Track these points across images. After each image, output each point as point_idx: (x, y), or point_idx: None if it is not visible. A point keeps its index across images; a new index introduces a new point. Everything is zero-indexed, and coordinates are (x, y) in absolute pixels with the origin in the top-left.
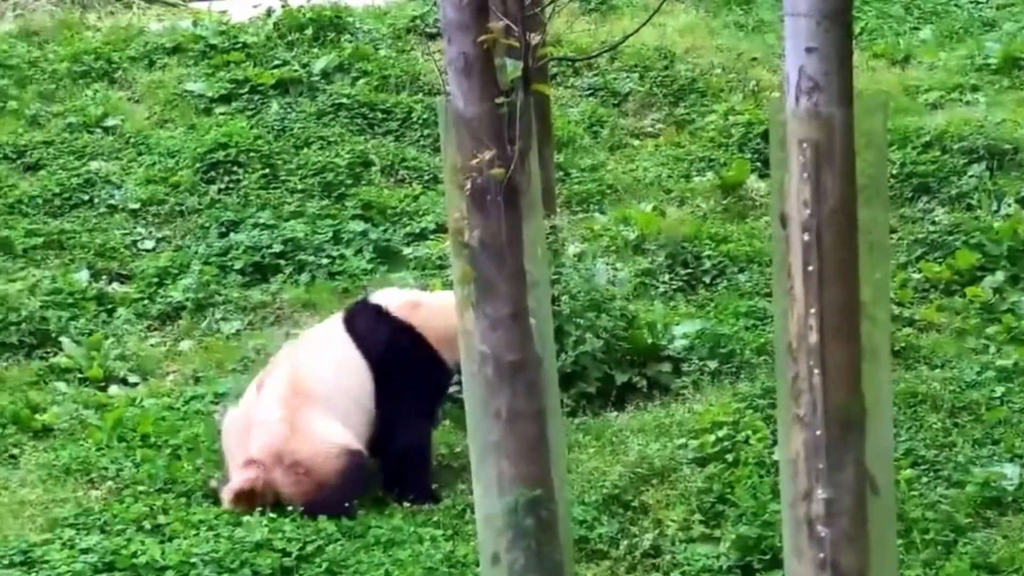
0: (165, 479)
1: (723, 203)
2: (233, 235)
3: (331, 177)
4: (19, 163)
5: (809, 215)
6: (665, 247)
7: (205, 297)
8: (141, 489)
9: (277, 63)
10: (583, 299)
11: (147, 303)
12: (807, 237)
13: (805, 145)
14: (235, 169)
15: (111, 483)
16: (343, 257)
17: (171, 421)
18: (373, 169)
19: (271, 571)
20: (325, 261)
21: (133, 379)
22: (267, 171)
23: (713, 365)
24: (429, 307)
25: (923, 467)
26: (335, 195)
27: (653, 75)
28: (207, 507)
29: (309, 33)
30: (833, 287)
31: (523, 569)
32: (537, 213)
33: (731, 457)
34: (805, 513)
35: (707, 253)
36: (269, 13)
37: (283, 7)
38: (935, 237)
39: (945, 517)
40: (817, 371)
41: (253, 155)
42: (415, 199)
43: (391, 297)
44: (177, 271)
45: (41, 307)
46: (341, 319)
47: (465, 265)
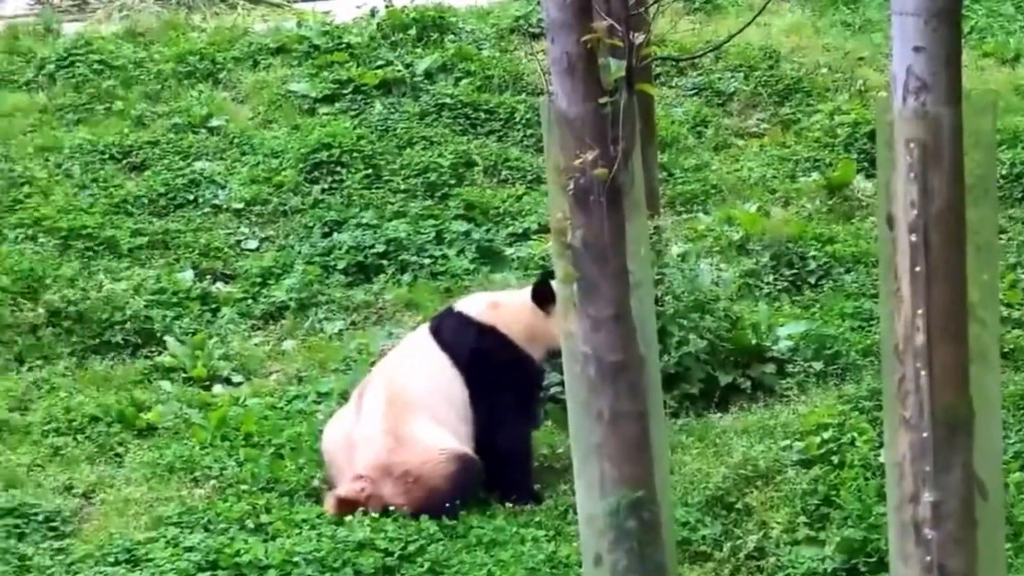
0: (268, 478)
1: (828, 203)
2: (336, 235)
3: (434, 177)
4: (125, 163)
5: (916, 216)
6: (770, 247)
7: (308, 297)
8: (244, 488)
9: (380, 63)
10: (687, 300)
11: (251, 303)
12: (914, 238)
13: (912, 145)
14: (338, 169)
15: (214, 482)
16: (445, 257)
17: (274, 420)
18: (476, 169)
19: (373, 571)
20: (427, 261)
21: (237, 378)
22: (370, 171)
23: (818, 366)
24: (509, 306)
25: None
26: (438, 195)
27: (758, 75)
28: (309, 506)
29: (412, 33)
30: (940, 288)
31: (625, 570)
32: (640, 213)
33: (836, 459)
34: (911, 516)
35: (812, 254)
36: (373, 13)
37: (387, 7)
38: None
39: None
40: (924, 373)
41: (356, 155)
42: (518, 199)
43: (473, 302)
44: (280, 271)
45: (146, 306)
46: (428, 329)
47: (568, 266)
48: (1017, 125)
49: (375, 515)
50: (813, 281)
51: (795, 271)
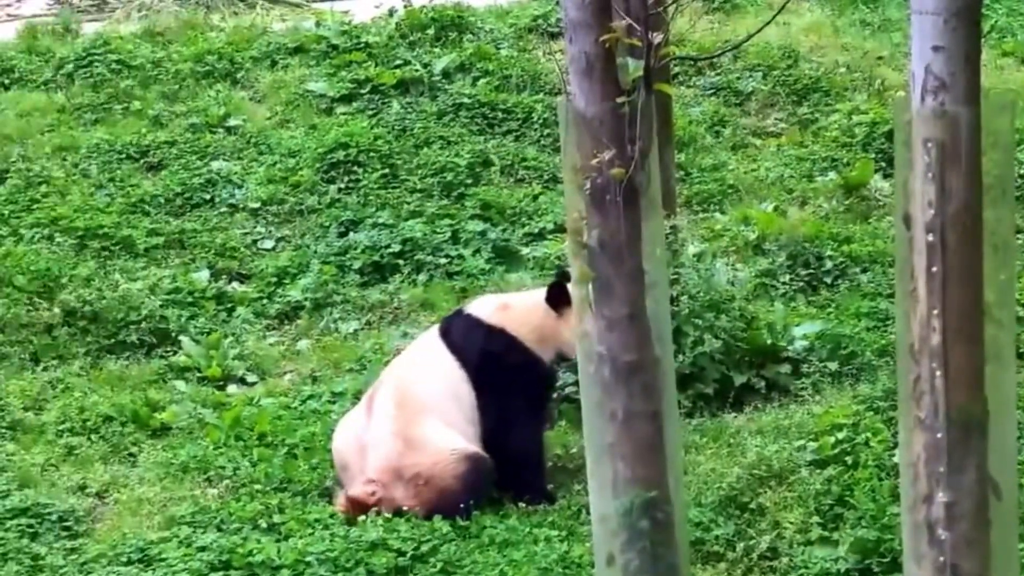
0: (281, 478)
1: (846, 203)
2: (352, 235)
3: (451, 177)
4: (142, 163)
5: (933, 215)
6: (786, 247)
7: (323, 297)
8: (257, 488)
9: (398, 63)
10: (702, 299)
11: (266, 302)
12: (931, 238)
13: (930, 145)
14: (355, 169)
15: (228, 482)
16: (461, 257)
17: (288, 420)
18: (492, 169)
19: (386, 571)
20: (443, 261)
21: (251, 378)
22: (387, 171)
23: (833, 366)
24: (519, 307)
25: None
26: (454, 195)
27: (776, 74)
28: (322, 506)
29: (431, 33)
30: (957, 288)
31: (638, 570)
32: (657, 213)
33: (850, 459)
34: (925, 517)
35: (829, 253)
36: (391, 13)
37: (405, 7)
38: None
39: None
40: (939, 373)
41: (373, 155)
42: (534, 199)
43: (482, 303)
44: (296, 271)
45: (161, 306)
46: (437, 331)
47: (583, 265)
48: None
49: (388, 515)
50: (829, 281)
51: (811, 271)
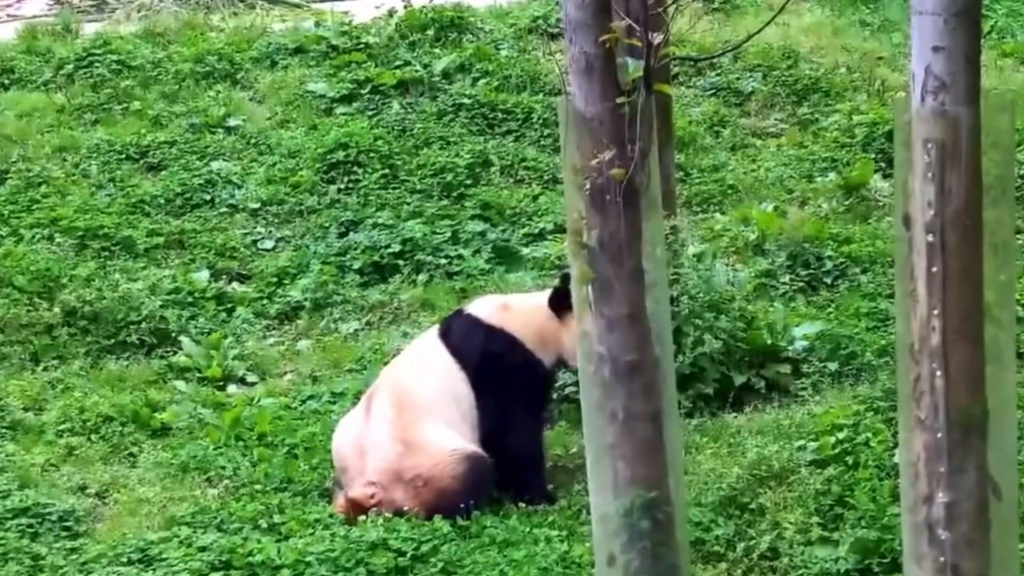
0: (281, 478)
1: (846, 204)
2: (352, 235)
3: (450, 177)
4: (142, 163)
5: (933, 216)
6: (786, 248)
7: (323, 297)
8: (258, 488)
9: (398, 63)
10: (702, 299)
11: (266, 303)
12: (931, 238)
13: (930, 145)
14: (355, 169)
15: (228, 482)
16: (461, 257)
17: (288, 420)
18: (492, 169)
19: (386, 571)
20: (443, 261)
21: (251, 378)
22: (387, 171)
23: (833, 367)
24: (519, 309)
25: None
26: (454, 195)
27: (776, 75)
28: (323, 506)
29: (431, 33)
30: (957, 289)
31: (638, 571)
32: (657, 213)
33: (850, 459)
34: (925, 517)
35: (829, 254)
36: (391, 14)
37: (405, 7)
38: None
39: None
40: (939, 373)
41: (373, 155)
42: (534, 199)
43: (482, 304)
44: (296, 271)
45: (161, 306)
46: (436, 332)
47: (583, 266)
48: None
49: (388, 516)
50: (829, 281)
51: (811, 271)
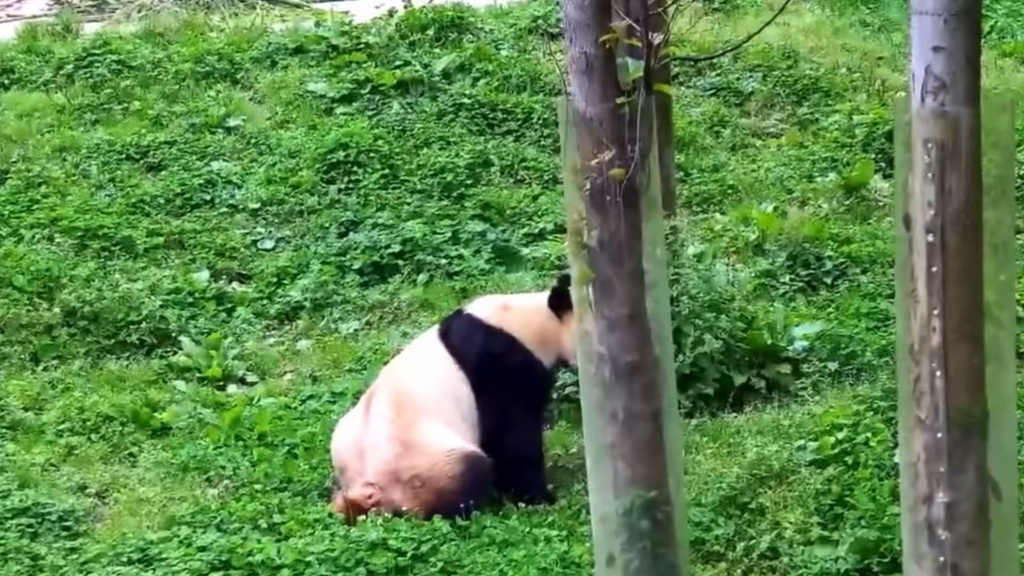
0: (281, 478)
1: (846, 204)
2: (352, 235)
3: (450, 177)
4: (142, 163)
5: (933, 216)
6: (786, 248)
7: (323, 297)
8: (257, 488)
9: (399, 63)
10: (702, 299)
11: (266, 303)
12: (931, 238)
13: (930, 145)
14: (355, 169)
15: (228, 482)
16: (461, 257)
17: (288, 420)
18: (492, 169)
19: (386, 570)
20: (443, 261)
21: (251, 378)
22: (387, 171)
23: (833, 367)
24: (520, 309)
25: None
26: (454, 195)
27: (776, 75)
28: (322, 506)
29: (431, 33)
30: (957, 289)
31: (638, 570)
32: (657, 214)
33: (850, 459)
34: (925, 517)
35: (829, 254)
36: (391, 14)
37: (405, 7)
38: None
39: None
40: (939, 373)
41: (373, 155)
42: (534, 199)
43: (482, 304)
44: (296, 271)
45: (161, 306)
46: (436, 332)
47: (584, 266)
48: None
49: (388, 515)
50: (829, 281)
51: (811, 271)
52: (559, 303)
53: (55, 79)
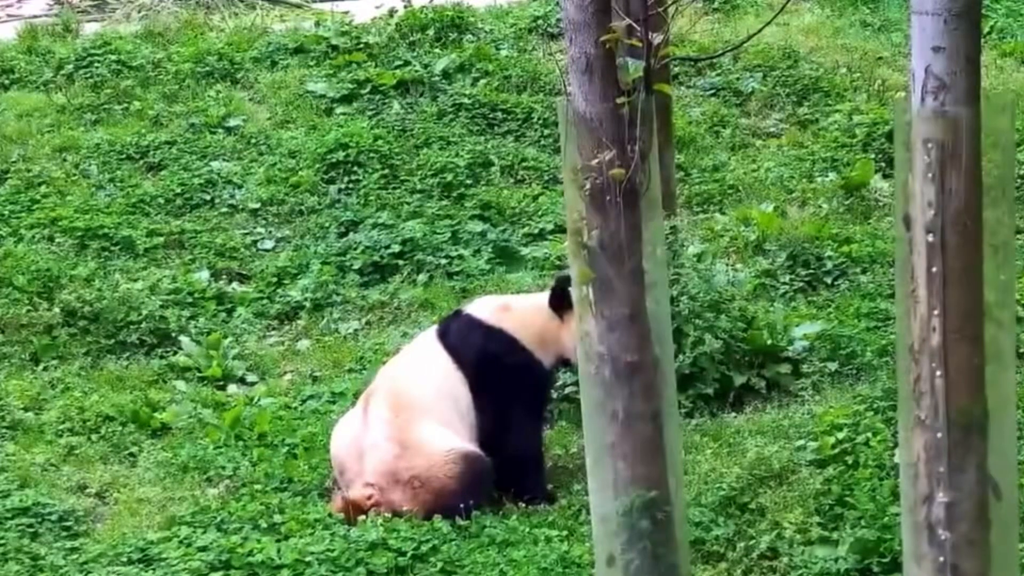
0: (281, 478)
1: (846, 204)
2: (352, 235)
3: (450, 177)
4: (142, 163)
5: (933, 216)
6: (786, 248)
7: (323, 297)
8: (257, 488)
9: (399, 63)
10: (702, 299)
11: (266, 303)
12: (931, 238)
13: (930, 145)
14: (355, 169)
15: (228, 482)
16: (461, 257)
17: (288, 420)
18: (492, 169)
19: (386, 570)
20: (443, 261)
21: (251, 378)
22: (387, 171)
23: (833, 366)
24: (520, 309)
25: None
26: (454, 195)
27: (776, 75)
28: (322, 506)
29: (431, 33)
30: (957, 289)
31: (638, 570)
32: (657, 214)
33: (850, 459)
34: (925, 517)
35: (829, 254)
36: (391, 13)
37: (405, 7)
38: None
39: None
40: (939, 373)
41: (373, 155)
42: (534, 199)
43: (481, 305)
44: (296, 271)
45: (161, 306)
46: (435, 332)
47: (583, 266)
48: None
49: (388, 515)
50: (829, 281)
51: (811, 271)
52: (559, 302)
53: (55, 79)
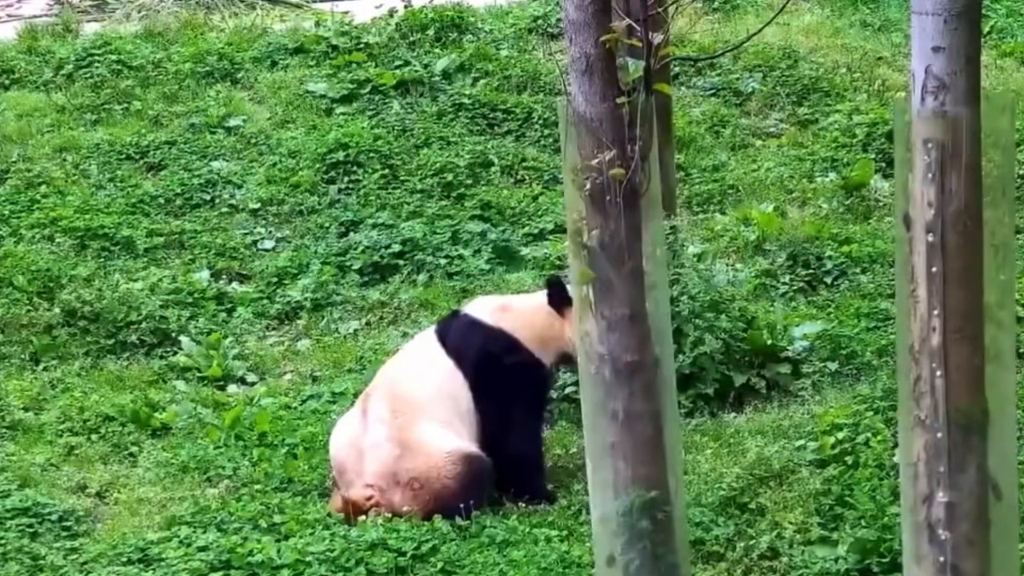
0: (281, 478)
1: (846, 204)
2: (352, 235)
3: (450, 177)
4: (142, 163)
5: (933, 216)
6: (786, 248)
7: (323, 297)
8: (257, 488)
9: (399, 63)
10: (702, 299)
11: (266, 303)
12: (931, 238)
13: (930, 145)
14: (355, 169)
15: (228, 482)
16: (461, 257)
17: (288, 420)
18: (492, 169)
19: (386, 570)
20: (443, 261)
21: (251, 378)
22: (387, 171)
23: (833, 367)
24: (520, 309)
25: None
26: (454, 195)
27: (776, 75)
28: (322, 506)
29: (431, 33)
30: (957, 289)
31: (638, 571)
32: (657, 214)
33: (850, 459)
34: (925, 517)
35: (829, 254)
36: (391, 13)
37: (405, 7)
38: None
39: None
40: (939, 373)
41: (373, 155)
42: (534, 199)
43: (480, 305)
44: (296, 271)
45: (161, 306)
46: (433, 333)
47: (583, 266)
48: None
49: (388, 515)
50: (829, 281)
51: (811, 271)
52: (559, 300)
53: (55, 79)
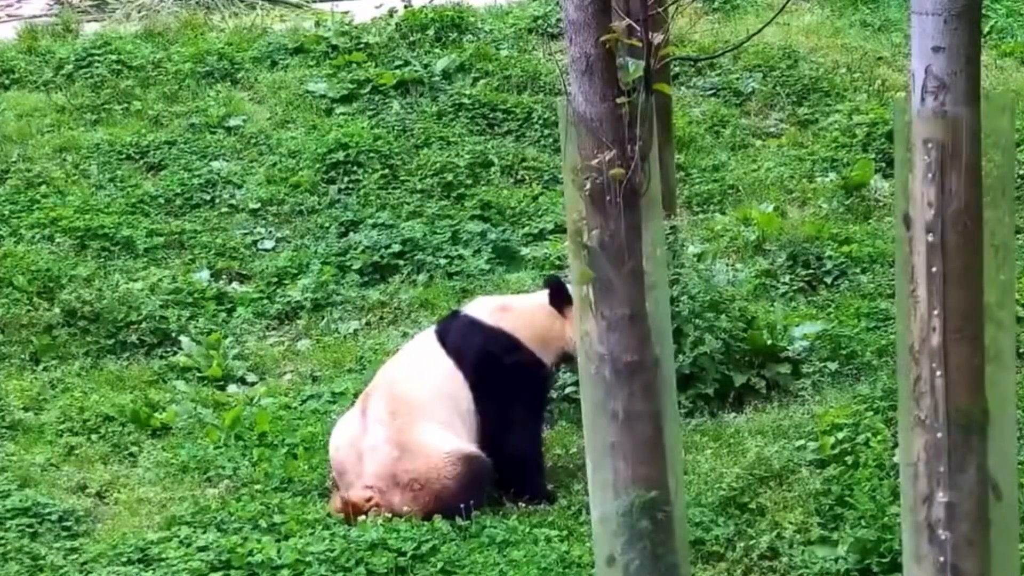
0: (281, 478)
1: (846, 204)
2: (352, 235)
3: (450, 177)
4: (142, 163)
5: (933, 216)
6: (786, 248)
7: (323, 297)
8: (257, 488)
9: (399, 63)
10: (702, 300)
11: (266, 303)
12: (931, 238)
13: (930, 145)
14: (355, 169)
15: (228, 482)
16: (461, 257)
17: (288, 420)
18: (492, 169)
19: (386, 570)
20: (443, 261)
21: (251, 378)
22: (387, 171)
23: (833, 367)
24: (520, 309)
25: None
26: (454, 195)
27: (776, 75)
28: (322, 506)
29: (431, 33)
30: (957, 289)
31: (638, 571)
32: (657, 214)
33: (850, 459)
34: (925, 517)
35: (829, 254)
36: (391, 13)
37: (405, 7)
38: None
39: None
40: (939, 373)
41: (373, 155)
42: (534, 199)
43: (480, 305)
44: (296, 271)
45: (161, 306)
46: (433, 333)
47: (583, 266)
48: None
49: (388, 515)
50: (829, 281)
51: (811, 271)
52: (559, 299)
53: (55, 79)
